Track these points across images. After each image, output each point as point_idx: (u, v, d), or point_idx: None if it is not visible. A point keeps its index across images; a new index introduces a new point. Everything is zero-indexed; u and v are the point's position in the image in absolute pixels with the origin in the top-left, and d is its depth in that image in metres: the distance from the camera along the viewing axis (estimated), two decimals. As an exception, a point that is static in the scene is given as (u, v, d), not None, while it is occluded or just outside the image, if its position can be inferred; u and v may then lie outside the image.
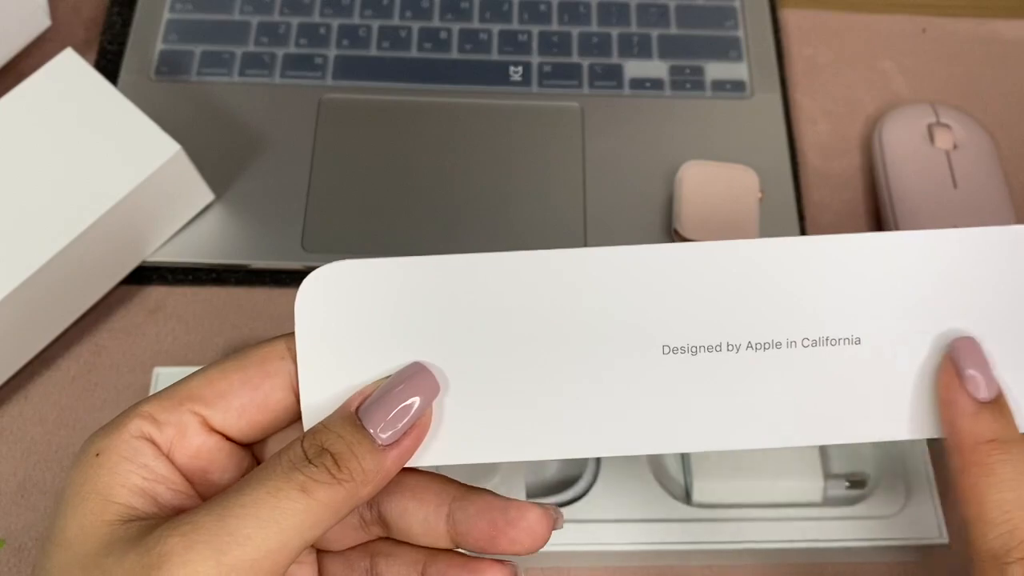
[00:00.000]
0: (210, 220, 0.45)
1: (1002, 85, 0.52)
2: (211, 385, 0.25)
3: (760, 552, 0.38)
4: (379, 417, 0.23)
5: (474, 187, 0.46)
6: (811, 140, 0.50)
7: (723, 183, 0.45)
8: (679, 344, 0.24)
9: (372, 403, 0.24)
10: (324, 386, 0.25)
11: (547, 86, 0.49)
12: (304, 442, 0.23)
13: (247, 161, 0.47)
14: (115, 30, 0.50)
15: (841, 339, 0.24)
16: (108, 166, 0.40)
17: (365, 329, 0.25)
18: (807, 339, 0.24)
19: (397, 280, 0.25)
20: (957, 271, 0.25)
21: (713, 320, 0.24)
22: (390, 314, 0.25)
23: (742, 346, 0.24)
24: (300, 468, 0.23)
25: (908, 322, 0.25)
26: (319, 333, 0.25)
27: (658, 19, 0.52)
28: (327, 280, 0.25)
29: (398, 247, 0.45)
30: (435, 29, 0.51)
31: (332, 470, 0.23)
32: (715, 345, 0.24)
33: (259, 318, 0.45)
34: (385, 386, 0.24)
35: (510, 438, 0.24)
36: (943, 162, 0.47)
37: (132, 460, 0.24)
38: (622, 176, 0.47)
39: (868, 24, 0.54)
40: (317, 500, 0.22)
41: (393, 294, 0.25)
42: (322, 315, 0.25)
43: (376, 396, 0.24)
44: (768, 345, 0.24)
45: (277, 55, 0.50)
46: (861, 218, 0.48)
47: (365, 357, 0.25)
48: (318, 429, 0.24)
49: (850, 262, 0.25)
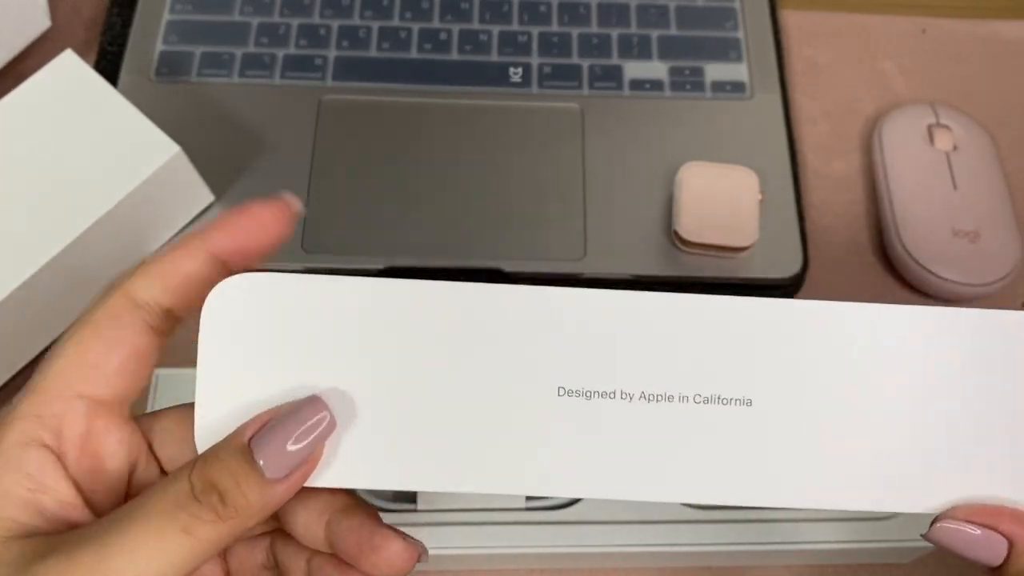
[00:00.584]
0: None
1: (1002, 85, 0.52)
2: (80, 359, 0.24)
3: (757, 553, 0.38)
4: (272, 451, 0.23)
5: (474, 188, 0.46)
6: (811, 141, 0.51)
7: (723, 184, 0.45)
8: (574, 387, 0.25)
9: (266, 434, 0.23)
10: (221, 405, 0.24)
11: (547, 87, 0.49)
12: (192, 475, 0.23)
13: (247, 162, 0.47)
14: (115, 31, 0.50)
15: (733, 399, 0.25)
16: (108, 167, 0.40)
17: (272, 348, 0.24)
18: (699, 395, 0.25)
19: (310, 298, 0.24)
20: (858, 343, 0.25)
21: (610, 367, 0.25)
22: (299, 333, 0.24)
23: (635, 395, 0.25)
24: (185, 507, 0.22)
25: (802, 388, 0.25)
26: (222, 348, 0.24)
27: (658, 20, 0.52)
28: (238, 291, 0.24)
29: (398, 247, 0.45)
30: (435, 30, 0.51)
31: (218, 508, 0.22)
32: (609, 392, 0.25)
33: (259, 319, 0.45)
34: (281, 418, 0.23)
35: (404, 468, 0.24)
36: (943, 163, 0.47)
37: (17, 470, 0.23)
38: (622, 177, 0.47)
39: (868, 25, 0.54)
40: (199, 539, 0.22)
41: (304, 312, 0.24)
42: (228, 329, 0.24)
43: (270, 427, 0.23)
44: (661, 397, 0.25)
45: (277, 56, 0.50)
46: (861, 219, 0.48)
47: (268, 378, 0.24)
48: (208, 460, 0.23)
49: (750, 325, 0.25)
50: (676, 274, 0.45)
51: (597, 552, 0.37)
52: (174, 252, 0.26)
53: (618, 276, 0.45)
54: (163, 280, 0.25)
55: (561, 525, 0.37)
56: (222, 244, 0.25)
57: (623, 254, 0.45)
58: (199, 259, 0.25)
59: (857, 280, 0.47)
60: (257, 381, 0.24)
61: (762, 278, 0.45)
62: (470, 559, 0.38)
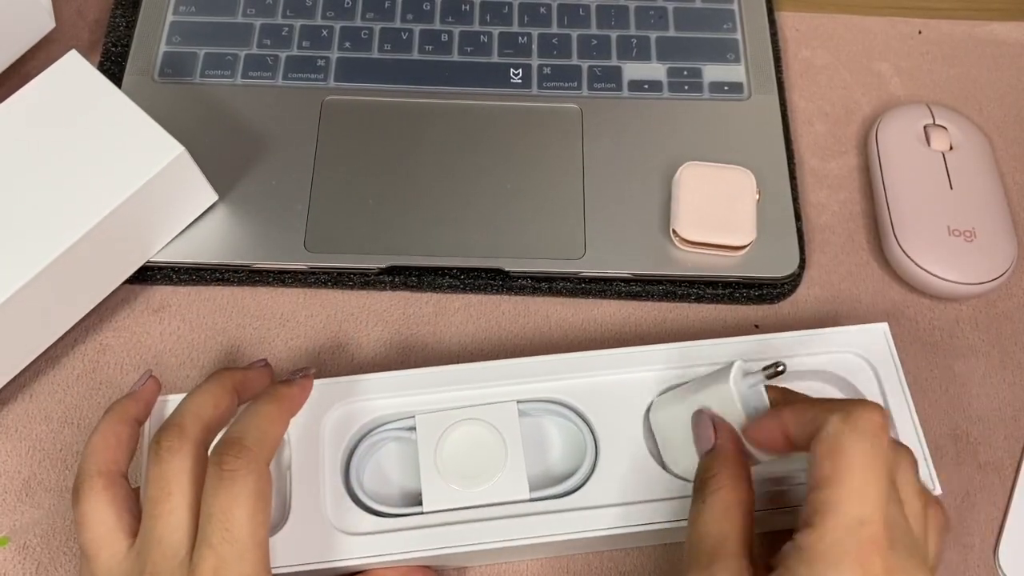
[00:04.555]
0: (214, 220, 0.46)
1: (998, 86, 0.53)
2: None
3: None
4: None
5: (474, 188, 0.47)
6: (808, 141, 0.51)
7: (721, 184, 0.45)
8: None
9: None
10: None
11: (547, 88, 0.50)
12: None
13: (250, 162, 0.47)
14: (119, 32, 0.51)
15: None
16: (112, 167, 0.40)
17: None
18: None
19: None
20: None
21: None
22: None
23: None
24: None
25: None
26: None
27: (656, 21, 0.52)
28: None
29: (399, 247, 0.45)
30: (436, 31, 0.51)
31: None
32: None
33: (262, 318, 0.45)
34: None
35: None
36: (939, 163, 0.48)
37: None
38: (621, 177, 0.47)
39: (864, 26, 0.55)
40: None
41: None
42: None
43: None
44: None
45: (280, 57, 0.50)
46: (857, 218, 0.49)
47: None
48: None
49: None
50: (674, 273, 0.45)
51: (602, 536, 0.37)
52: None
53: (617, 275, 0.45)
54: None
55: (564, 513, 0.37)
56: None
57: (622, 253, 0.45)
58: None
59: (853, 279, 0.47)
60: None
61: (759, 277, 0.45)
62: (478, 555, 0.38)
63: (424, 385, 0.39)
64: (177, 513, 0.32)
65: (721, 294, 0.46)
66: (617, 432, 0.39)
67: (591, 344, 0.45)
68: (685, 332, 0.46)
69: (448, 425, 0.38)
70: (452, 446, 0.38)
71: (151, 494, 0.32)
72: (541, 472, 0.39)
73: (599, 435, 0.39)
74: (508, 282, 0.46)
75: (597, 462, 0.38)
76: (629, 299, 0.46)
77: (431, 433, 0.38)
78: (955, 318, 0.46)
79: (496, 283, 0.46)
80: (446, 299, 0.46)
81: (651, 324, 0.46)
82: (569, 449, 0.40)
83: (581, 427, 0.39)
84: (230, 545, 0.31)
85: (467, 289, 0.46)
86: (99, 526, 0.33)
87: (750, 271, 0.45)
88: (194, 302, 0.46)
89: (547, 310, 0.46)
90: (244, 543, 0.31)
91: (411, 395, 0.39)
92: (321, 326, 0.45)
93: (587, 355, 0.40)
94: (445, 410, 0.39)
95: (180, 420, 0.34)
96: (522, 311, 0.46)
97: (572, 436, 0.40)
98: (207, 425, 0.34)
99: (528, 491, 0.37)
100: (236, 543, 0.31)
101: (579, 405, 0.39)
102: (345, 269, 0.45)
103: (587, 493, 0.38)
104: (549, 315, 0.46)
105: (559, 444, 0.40)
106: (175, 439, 0.33)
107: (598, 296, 0.46)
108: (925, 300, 0.47)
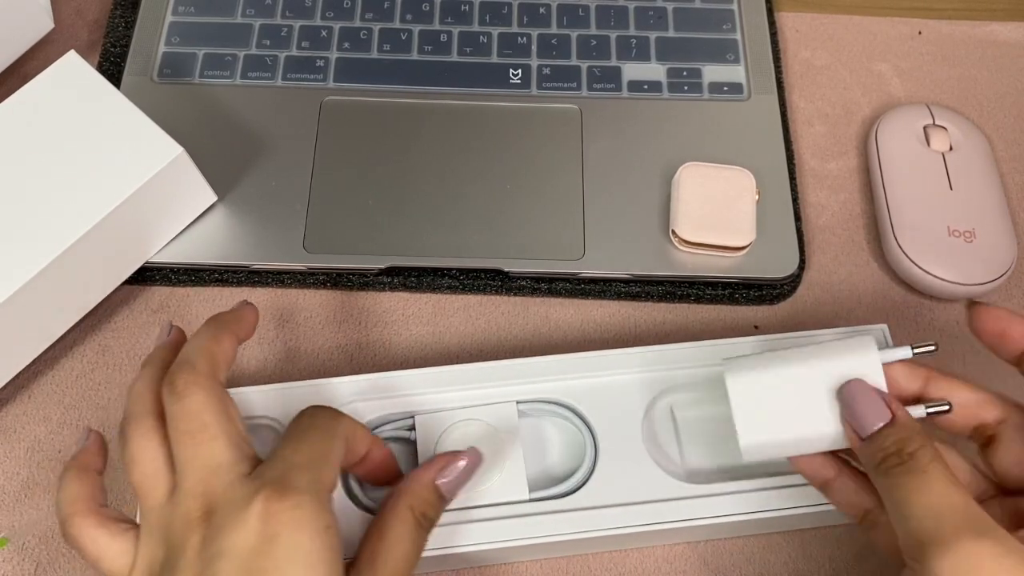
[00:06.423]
0: (213, 221, 0.46)
1: (998, 87, 0.53)
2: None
3: (758, 522, 0.38)
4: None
5: (474, 188, 0.47)
6: (808, 142, 0.51)
7: (720, 184, 0.45)
8: None
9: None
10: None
11: (546, 88, 0.50)
12: None
13: (249, 163, 0.47)
14: (118, 32, 0.51)
15: None
16: (111, 168, 0.40)
17: None
18: None
19: None
20: None
21: None
22: None
23: None
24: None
25: None
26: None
27: (656, 22, 0.52)
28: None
29: (398, 247, 0.45)
30: (435, 32, 0.51)
31: None
32: None
33: (261, 318, 0.45)
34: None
35: None
36: (939, 164, 0.48)
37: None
38: (620, 177, 0.47)
39: (864, 26, 0.55)
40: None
41: None
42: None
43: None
44: None
45: (279, 57, 0.50)
46: (857, 218, 0.49)
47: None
48: None
49: None
50: (673, 273, 0.45)
51: (602, 536, 0.37)
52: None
53: (616, 275, 0.45)
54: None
55: (563, 513, 0.37)
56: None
57: (621, 253, 0.45)
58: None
59: (853, 280, 0.47)
60: None
61: (759, 277, 0.45)
62: (477, 556, 0.38)
63: (424, 385, 0.39)
64: (220, 440, 0.32)
65: (721, 295, 0.46)
66: (616, 432, 0.39)
67: (591, 345, 0.45)
68: (685, 333, 0.46)
69: (447, 425, 0.38)
70: (451, 446, 0.38)
71: (185, 427, 0.33)
72: (540, 472, 0.39)
73: (598, 435, 0.39)
74: (507, 283, 0.46)
75: (596, 462, 0.38)
76: (628, 300, 0.46)
77: (430, 433, 0.38)
78: (955, 318, 0.46)
79: (495, 284, 0.46)
80: (445, 300, 0.46)
81: (650, 325, 0.46)
82: (568, 449, 0.40)
83: (580, 427, 0.39)
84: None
85: (466, 290, 0.46)
86: (151, 463, 0.33)
87: (750, 272, 0.45)
88: (193, 303, 0.46)
89: (546, 310, 0.46)
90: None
91: (411, 395, 0.39)
92: (320, 327, 0.45)
93: (587, 355, 0.40)
94: (445, 410, 0.39)
95: (188, 359, 0.34)
96: (521, 311, 0.46)
97: (571, 436, 0.40)
98: (214, 360, 0.35)
99: (527, 491, 0.37)
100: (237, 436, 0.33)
101: (578, 406, 0.39)
102: (344, 270, 0.45)
103: (586, 493, 0.38)
104: (548, 315, 0.46)
105: (558, 444, 0.40)
106: (189, 374, 0.33)
107: (597, 297, 0.46)
108: (925, 301, 0.47)
